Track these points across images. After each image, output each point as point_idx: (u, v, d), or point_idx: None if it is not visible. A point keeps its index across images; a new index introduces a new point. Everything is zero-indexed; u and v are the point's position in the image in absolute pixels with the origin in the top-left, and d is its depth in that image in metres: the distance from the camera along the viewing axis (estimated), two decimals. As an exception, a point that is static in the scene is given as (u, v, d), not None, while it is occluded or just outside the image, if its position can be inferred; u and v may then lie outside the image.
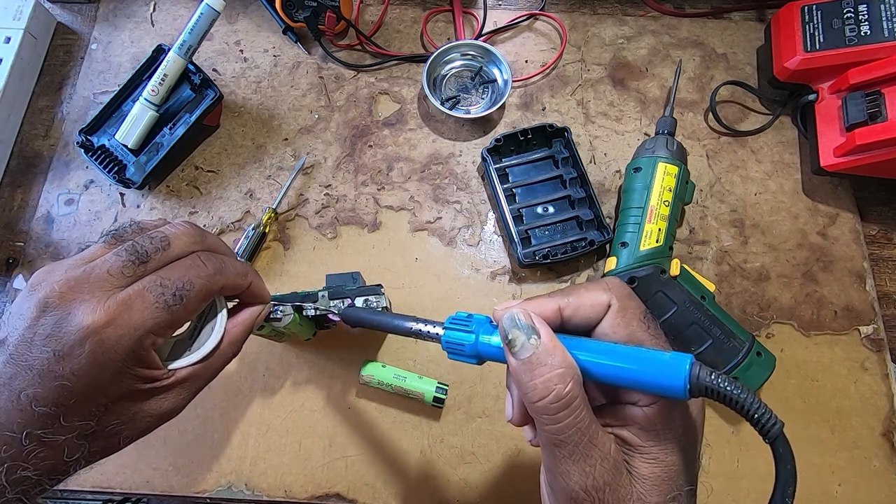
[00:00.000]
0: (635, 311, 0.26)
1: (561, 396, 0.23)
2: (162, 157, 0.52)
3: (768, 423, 0.22)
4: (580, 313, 0.27)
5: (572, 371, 0.24)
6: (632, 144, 0.56)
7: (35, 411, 0.26)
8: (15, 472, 0.26)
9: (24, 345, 0.26)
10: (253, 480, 0.46)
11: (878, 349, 0.49)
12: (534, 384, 0.24)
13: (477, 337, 0.28)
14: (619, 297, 0.27)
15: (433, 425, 0.48)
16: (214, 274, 0.30)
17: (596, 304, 0.26)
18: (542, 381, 0.24)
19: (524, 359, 0.25)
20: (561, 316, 0.27)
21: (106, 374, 0.27)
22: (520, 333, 0.25)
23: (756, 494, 0.45)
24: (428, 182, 0.55)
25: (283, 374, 0.49)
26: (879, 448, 0.46)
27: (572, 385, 0.24)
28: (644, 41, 0.60)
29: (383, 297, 0.43)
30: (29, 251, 0.53)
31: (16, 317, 0.27)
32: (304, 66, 0.60)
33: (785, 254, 0.52)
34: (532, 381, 0.24)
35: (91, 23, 0.62)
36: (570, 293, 0.27)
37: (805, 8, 0.52)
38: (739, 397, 0.22)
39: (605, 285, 0.27)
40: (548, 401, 0.24)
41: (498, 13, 0.62)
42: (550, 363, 0.24)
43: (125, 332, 0.26)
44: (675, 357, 0.23)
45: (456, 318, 0.30)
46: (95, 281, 0.27)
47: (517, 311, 0.26)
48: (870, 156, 0.48)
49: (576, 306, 0.27)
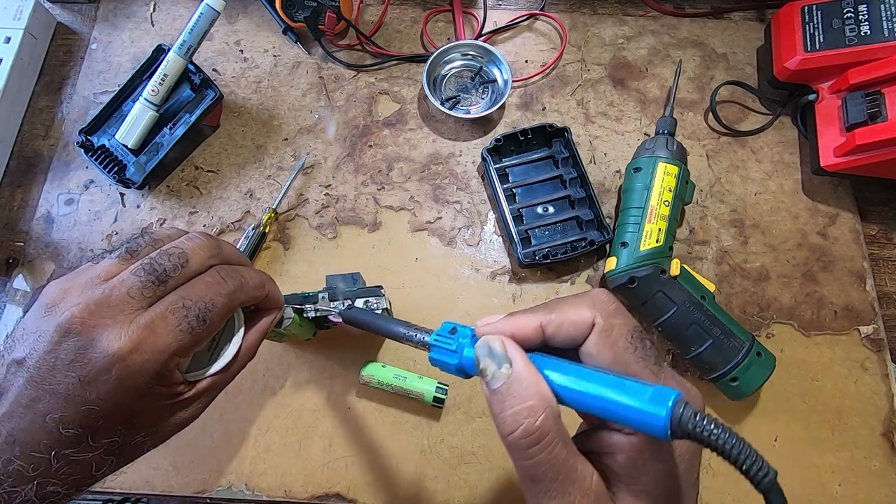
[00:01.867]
0: (622, 329, 0.24)
1: (530, 431, 0.22)
2: (162, 157, 0.52)
3: (760, 473, 0.19)
4: (563, 331, 0.25)
5: (545, 403, 0.22)
6: (632, 144, 0.56)
7: (62, 433, 0.26)
8: (44, 487, 0.26)
9: (47, 368, 0.26)
10: (253, 480, 0.46)
11: (878, 349, 0.49)
12: (503, 416, 0.23)
13: (461, 353, 0.26)
14: (605, 314, 0.24)
15: (433, 425, 0.48)
16: (235, 291, 0.30)
17: (579, 322, 0.24)
18: (511, 413, 0.22)
19: (494, 389, 0.23)
20: (543, 334, 0.25)
21: (132, 396, 0.27)
22: (491, 362, 0.24)
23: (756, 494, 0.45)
24: (428, 182, 0.55)
25: (283, 374, 0.49)
26: (879, 448, 0.46)
27: (543, 419, 0.22)
28: (644, 41, 0.60)
29: (384, 298, 0.43)
30: (29, 251, 0.53)
31: (34, 338, 0.26)
32: (304, 66, 0.60)
33: (785, 254, 0.52)
34: (501, 412, 0.23)
35: (91, 23, 0.62)
36: (554, 308, 0.25)
37: (805, 8, 0.52)
38: (728, 444, 0.19)
39: (589, 300, 0.25)
40: (517, 435, 0.22)
41: (498, 13, 0.62)
42: (521, 395, 0.22)
43: (150, 357, 0.27)
44: (659, 392, 0.21)
45: (440, 332, 0.28)
46: (116, 304, 0.27)
47: (490, 337, 0.25)
48: (870, 156, 0.48)
49: (558, 324, 0.25)
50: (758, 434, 0.47)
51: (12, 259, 0.53)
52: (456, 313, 0.50)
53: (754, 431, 0.47)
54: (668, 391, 0.20)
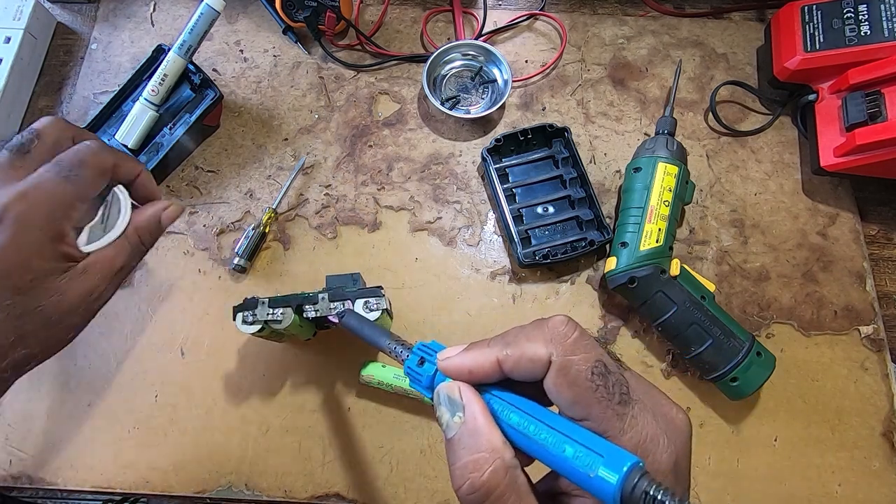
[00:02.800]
0: (581, 364, 0.22)
1: (475, 487, 0.21)
2: (162, 157, 0.52)
3: None
4: (521, 368, 0.23)
5: (494, 455, 0.21)
6: (632, 144, 0.56)
7: None
8: None
9: None
10: (253, 480, 0.46)
11: (878, 349, 0.49)
12: (453, 469, 0.21)
13: (434, 373, 0.25)
14: (562, 350, 0.22)
15: (433, 425, 0.47)
16: (101, 149, 0.32)
17: (535, 360, 0.22)
18: (460, 466, 0.21)
19: (449, 438, 0.22)
20: (501, 370, 0.23)
21: (27, 248, 0.29)
22: (445, 411, 0.23)
23: (756, 494, 0.45)
24: (428, 182, 0.55)
25: (282, 375, 0.49)
26: (879, 448, 0.46)
27: (490, 473, 0.20)
28: (644, 41, 0.60)
29: (384, 298, 0.43)
30: (29, 251, 0.53)
31: None
32: (304, 66, 0.60)
33: (785, 254, 0.52)
34: (453, 464, 0.21)
35: (91, 23, 0.62)
36: (511, 342, 0.23)
37: (805, 8, 0.52)
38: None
39: (546, 334, 0.23)
40: (463, 491, 0.21)
41: (498, 13, 0.62)
42: (469, 446, 0.21)
43: (37, 206, 0.29)
44: (613, 458, 0.19)
45: (410, 363, 0.26)
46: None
47: (446, 385, 0.24)
48: (870, 156, 0.48)
49: (515, 360, 0.23)
50: (758, 434, 0.47)
51: (12, 259, 0.53)
52: (456, 313, 0.50)
53: (754, 431, 0.47)
54: (623, 457, 0.19)
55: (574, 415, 0.22)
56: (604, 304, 0.51)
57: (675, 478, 0.22)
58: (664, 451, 0.21)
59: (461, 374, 0.24)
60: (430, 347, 0.26)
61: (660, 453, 0.21)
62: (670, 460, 0.21)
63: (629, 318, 0.50)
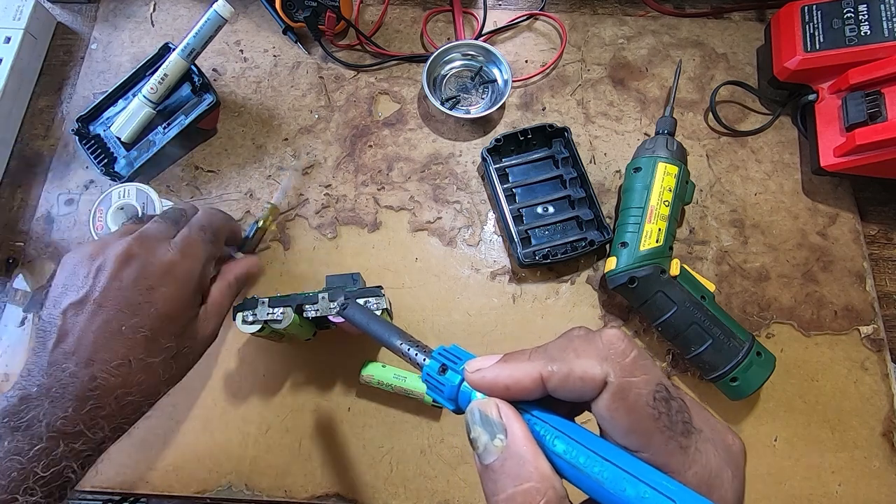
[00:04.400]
0: (642, 388, 0.19)
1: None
2: (152, 155, 0.53)
3: None
4: (568, 386, 0.20)
5: (546, 485, 0.18)
6: (632, 144, 0.56)
7: (135, 338, 0.33)
8: (123, 399, 0.32)
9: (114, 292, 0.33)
10: (253, 480, 0.46)
11: (878, 349, 0.49)
12: (496, 500, 0.19)
13: (455, 399, 0.23)
14: (620, 370, 0.19)
15: (433, 425, 0.48)
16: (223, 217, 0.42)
17: (587, 379, 0.20)
18: (505, 498, 0.19)
19: (486, 465, 0.19)
20: (544, 387, 0.21)
21: (184, 301, 0.35)
22: (482, 432, 0.20)
23: (756, 494, 0.45)
24: (428, 182, 0.55)
25: (283, 374, 0.49)
26: (879, 448, 0.46)
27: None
28: (644, 41, 0.60)
29: (384, 298, 0.43)
30: (29, 251, 0.53)
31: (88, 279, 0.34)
32: (304, 66, 0.60)
33: (785, 254, 0.52)
34: (494, 495, 0.19)
35: (91, 23, 0.62)
36: (557, 357, 0.20)
37: (805, 8, 0.52)
38: None
39: (601, 350, 0.20)
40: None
41: (498, 13, 0.62)
42: (516, 474, 0.19)
43: (194, 262, 0.37)
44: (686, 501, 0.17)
45: (430, 369, 0.24)
46: (154, 236, 0.36)
47: (482, 402, 0.21)
48: (870, 156, 0.48)
49: (562, 377, 0.20)
50: (758, 434, 0.47)
51: (12, 259, 0.53)
52: (456, 313, 0.50)
53: (754, 431, 0.47)
54: (692, 500, 0.17)
55: (629, 444, 0.19)
56: (604, 304, 0.51)
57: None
58: (729, 488, 0.19)
59: (496, 391, 0.21)
60: (454, 354, 0.24)
61: (725, 490, 0.19)
62: (735, 497, 0.19)
63: (629, 318, 0.50)
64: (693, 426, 0.20)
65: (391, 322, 0.32)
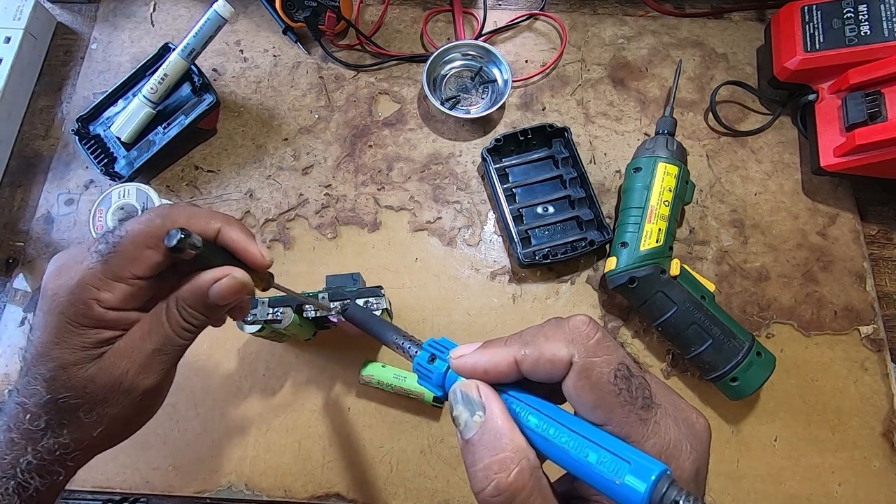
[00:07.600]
0: (604, 367, 0.21)
1: (501, 489, 0.20)
2: (152, 155, 0.53)
3: None
4: (539, 368, 0.22)
5: (519, 455, 0.20)
6: (632, 144, 0.56)
7: None
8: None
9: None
10: (253, 480, 0.46)
11: (878, 349, 0.49)
12: (474, 471, 0.20)
13: (443, 385, 0.24)
14: (584, 351, 0.21)
15: (433, 425, 0.48)
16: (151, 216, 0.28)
17: (555, 360, 0.21)
18: (482, 468, 0.20)
19: (467, 439, 0.21)
20: (519, 370, 0.22)
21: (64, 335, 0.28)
22: (463, 409, 0.22)
23: (756, 494, 0.45)
24: (428, 182, 0.55)
25: (283, 374, 0.49)
26: (879, 448, 0.46)
27: (517, 474, 0.20)
28: (644, 41, 0.60)
29: (384, 298, 0.43)
30: (29, 251, 0.53)
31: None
32: (304, 66, 0.60)
33: (785, 254, 0.52)
34: (472, 466, 0.21)
35: (91, 23, 0.62)
36: (530, 341, 0.22)
37: (805, 8, 0.52)
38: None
39: (567, 333, 0.22)
40: (487, 493, 0.20)
41: (498, 13, 0.62)
42: (493, 446, 0.20)
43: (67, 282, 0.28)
44: (640, 465, 0.18)
45: (420, 359, 0.25)
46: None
47: (464, 382, 0.23)
48: (870, 156, 0.48)
49: (533, 360, 0.22)
50: (758, 434, 0.47)
51: (12, 259, 0.53)
52: (456, 313, 0.50)
53: (754, 431, 0.47)
54: (651, 465, 0.18)
55: (595, 419, 0.21)
56: (604, 304, 0.51)
57: (696, 485, 0.21)
58: (687, 458, 0.21)
59: (476, 374, 0.23)
60: (442, 344, 0.25)
61: (683, 460, 0.21)
62: (693, 467, 0.21)
63: (629, 318, 0.50)
64: (654, 402, 0.21)
65: (390, 321, 0.32)
